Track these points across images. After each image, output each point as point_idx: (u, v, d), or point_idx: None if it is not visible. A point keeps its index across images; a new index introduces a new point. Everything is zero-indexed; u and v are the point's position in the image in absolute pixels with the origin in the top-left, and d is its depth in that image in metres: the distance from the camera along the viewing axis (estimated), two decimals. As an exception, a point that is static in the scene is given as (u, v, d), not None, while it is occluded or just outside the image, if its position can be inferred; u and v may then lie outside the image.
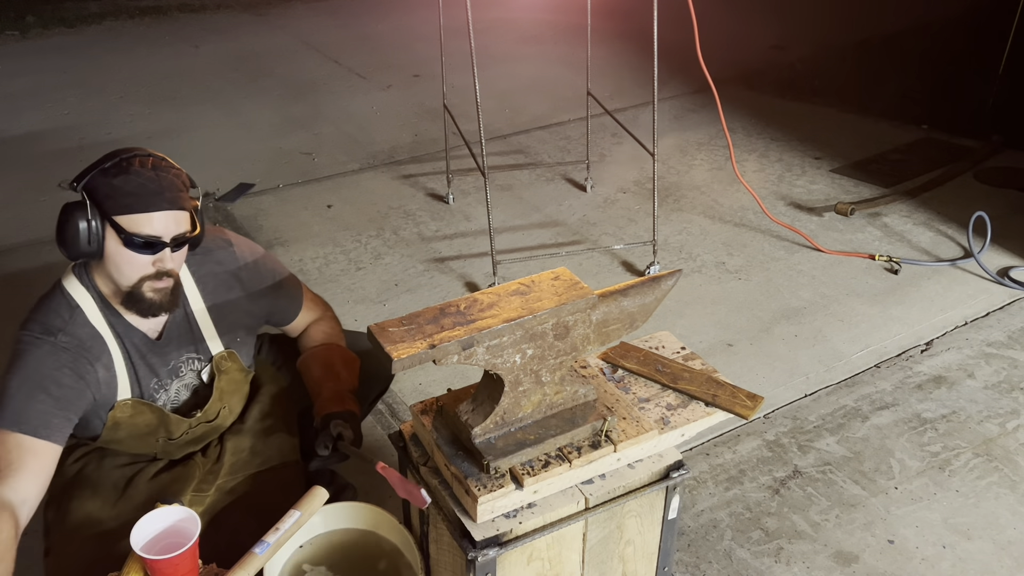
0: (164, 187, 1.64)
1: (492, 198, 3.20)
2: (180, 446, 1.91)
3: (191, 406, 1.89)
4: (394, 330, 1.41)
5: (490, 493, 1.45)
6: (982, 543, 2.16)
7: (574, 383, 1.59)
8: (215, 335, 1.87)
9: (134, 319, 1.75)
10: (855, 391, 2.72)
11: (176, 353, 1.83)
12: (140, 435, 1.83)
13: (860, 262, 3.45)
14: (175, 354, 1.83)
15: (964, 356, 2.87)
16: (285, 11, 7.42)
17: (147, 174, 1.63)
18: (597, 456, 1.55)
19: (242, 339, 1.93)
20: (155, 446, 1.88)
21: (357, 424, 1.86)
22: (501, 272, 3.30)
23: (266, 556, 1.52)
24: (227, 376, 1.90)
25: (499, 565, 1.50)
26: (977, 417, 2.59)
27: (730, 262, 3.47)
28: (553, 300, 1.48)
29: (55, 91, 5.40)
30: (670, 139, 4.63)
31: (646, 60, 3.15)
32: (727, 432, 2.54)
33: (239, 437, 1.96)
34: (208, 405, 1.88)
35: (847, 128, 4.79)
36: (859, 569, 2.10)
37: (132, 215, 1.61)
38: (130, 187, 1.61)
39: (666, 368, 1.80)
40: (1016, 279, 3.28)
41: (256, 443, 1.95)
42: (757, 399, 1.73)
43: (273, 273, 1.95)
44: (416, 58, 6.02)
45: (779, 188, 4.09)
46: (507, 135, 4.78)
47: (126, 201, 1.61)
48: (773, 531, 2.21)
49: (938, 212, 3.82)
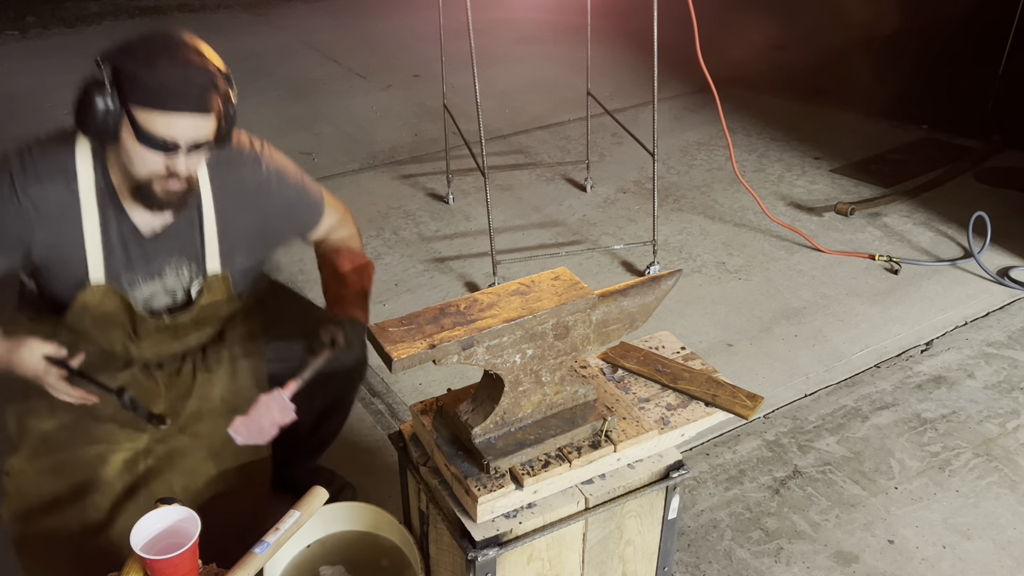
0: (190, 86, 1.52)
1: (492, 198, 3.20)
2: (145, 353, 1.83)
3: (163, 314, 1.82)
4: (394, 330, 1.41)
5: (490, 493, 1.45)
6: (982, 543, 2.16)
7: (574, 383, 1.59)
8: (216, 253, 1.79)
9: (135, 210, 1.69)
10: (855, 391, 2.72)
11: (166, 257, 1.75)
12: (104, 326, 1.75)
13: (860, 262, 3.45)
14: (164, 257, 1.75)
15: (964, 356, 2.87)
16: (285, 11, 7.42)
17: (175, 70, 1.51)
18: (597, 456, 1.55)
19: (242, 265, 1.85)
20: (118, 342, 1.80)
21: (355, 331, 1.77)
22: (501, 272, 3.31)
23: (266, 556, 1.52)
24: (212, 298, 1.83)
25: (499, 565, 1.50)
26: (977, 417, 2.59)
27: (730, 262, 3.47)
28: (553, 300, 1.48)
29: (55, 91, 5.40)
30: (670, 139, 4.63)
31: (646, 60, 3.15)
32: (727, 432, 2.54)
33: (209, 381, 1.87)
34: (180, 317, 1.81)
35: (847, 128, 4.79)
36: (859, 569, 2.10)
37: (150, 111, 1.51)
38: (154, 80, 1.50)
39: (666, 368, 1.80)
40: (1016, 279, 3.28)
41: (226, 392, 1.88)
42: (757, 399, 1.73)
43: (297, 191, 1.85)
44: (416, 58, 6.02)
45: (779, 188, 4.09)
46: (507, 135, 4.78)
47: (146, 95, 1.50)
48: (773, 531, 2.21)
49: (938, 212, 3.82)
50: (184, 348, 1.90)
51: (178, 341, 1.86)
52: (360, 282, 1.89)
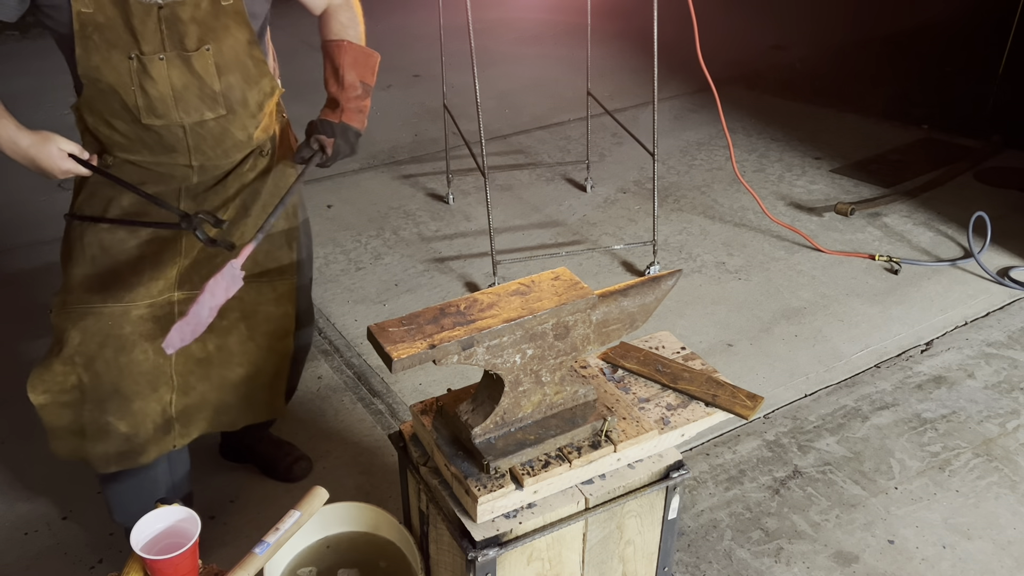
0: None
1: (492, 198, 3.20)
2: (153, 63, 1.68)
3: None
4: (394, 330, 1.41)
5: (490, 493, 1.45)
6: (982, 543, 2.16)
7: (574, 383, 1.59)
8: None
9: None
10: (855, 391, 2.72)
11: None
12: (111, 48, 1.66)
13: (860, 262, 3.45)
14: None
15: (964, 356, 2.87)
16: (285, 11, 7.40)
17: None
18: (597, 456, 1.55)
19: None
20: (130, 70, 1.68)
21: (344, 134, 1.80)
22: (501, 272, 3.30)
23: (266, 556, 1.52)
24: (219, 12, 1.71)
25: (499, 565, 1.50)
26: (977, 417, 2.59)
27: (730, 262, 3.47)
28: (553, 300, 1.48)
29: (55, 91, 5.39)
30: (670, 139, 4.63)
31: (646, 60, 3.15)
32: (727, 432, 2.54)
33: (241, 224, 1.88)
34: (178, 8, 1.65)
35: (847, 128, 4.79)
36: (859, 569, 2.10)
37: None
38: None
39: (666, 368, 1.80)
40: (1016, 279, 3.28)
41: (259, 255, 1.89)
42: (757, 399, 1.73)
43: None
44: (416, 58, 6.02)
45: (779, 188, 4.09)
46: (507, 135, 4.78)
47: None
48: (773, 531, 2.21)
49: (938, 212, 3.82)
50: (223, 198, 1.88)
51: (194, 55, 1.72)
52: (362, 76, 1.88)
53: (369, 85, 1.91)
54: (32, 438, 2.54)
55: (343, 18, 1.96)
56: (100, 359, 1.75)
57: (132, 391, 1.77)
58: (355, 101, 1.89)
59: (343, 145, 1.86)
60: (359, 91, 1.90)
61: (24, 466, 2.44)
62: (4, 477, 2.41)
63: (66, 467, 2.43)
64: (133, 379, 1.77)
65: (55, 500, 2.33)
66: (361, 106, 1.89)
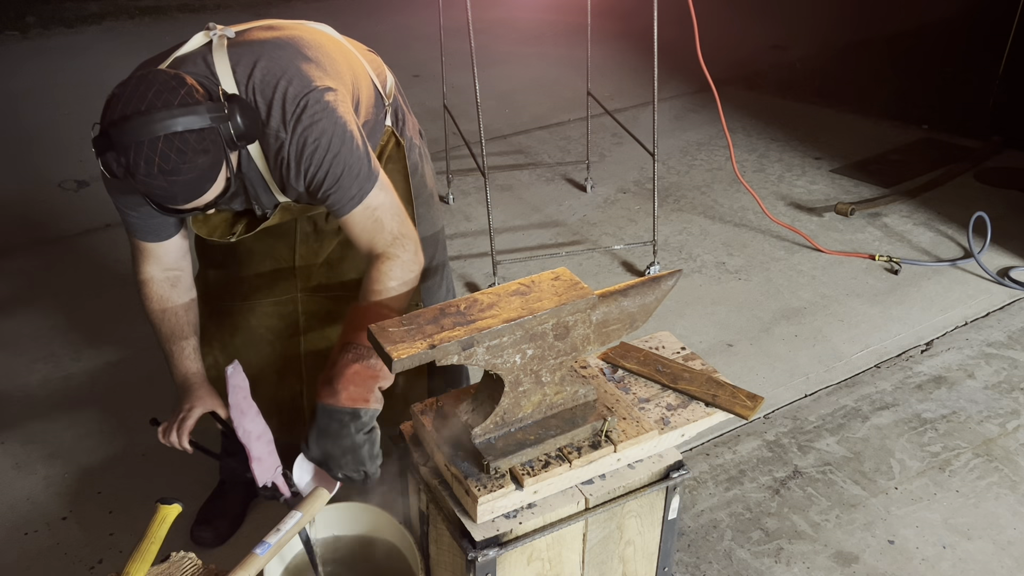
0: (177, 188, 1.39)
1: (492, 198, 3.20)
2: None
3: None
4: (394, 330, 1.41)
5: (490, 493, 1.45)
6: (982, 543, 2.16)
7: (574, 383, 1.59)
8: (279, 190, 1.68)
9: None
10: (855, 391, 2.72)
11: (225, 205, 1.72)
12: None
13: (860, 262, 3.45)
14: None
15: (964, 356, 2.87)
16: (285, 11, 7.42)
17: (155, 180, 1.37)
18: (597, 456, 1.55)
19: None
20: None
21: (323, 421, 1.52)
22: (501, 272, 3.30)
23: (267, 557, 1.52)
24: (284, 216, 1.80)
25: (499, 565, 1.50)
26: (977, 417, 2.59)
27: (730, 262, 3.47)
28: (553, 300, 1.48)
29: (55, 91, 5.40)
30: (670, 139, 4.63)
31: (646, 60, 3.15)
32: (727, 432, 2.54)
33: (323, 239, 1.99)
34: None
35: (847, 128, 4.79)
36: (859, 569, 2.10)
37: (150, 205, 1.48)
38: (141, 188, 1.40)
39: (666, 368, 1.80)
40: (1016, 279, 3.28)
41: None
42: (757, 399, 1.73)
43: (335, 163, 1.58)
44: (416, 58, 6.01)
45: (779, 188, 4.09)
46: (507, 135, 4.78)
47: (138, 197, 1.57)
48: (773, 531, 2.21)
49: (938, 212, 3.82)
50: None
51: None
52: (349, 334, 1.57)
53: (355, 343, 1.54)
54: (32, 438, 2.54)
55: (384, 278, 1.64)
56: (231, 345, 1.98)
57: (256, 376, 1.80)
58: (340, 367, 1.53)
59: (320, 433, 1.54)
60: (345, 352, 1.54)
61: (24, 466, 2.44)
62: (4, 477, 2.41)
63: (66, 467, 2.43)
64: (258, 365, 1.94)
65: (55, 500, 2.33)
66: (349, 372, 1.51)
